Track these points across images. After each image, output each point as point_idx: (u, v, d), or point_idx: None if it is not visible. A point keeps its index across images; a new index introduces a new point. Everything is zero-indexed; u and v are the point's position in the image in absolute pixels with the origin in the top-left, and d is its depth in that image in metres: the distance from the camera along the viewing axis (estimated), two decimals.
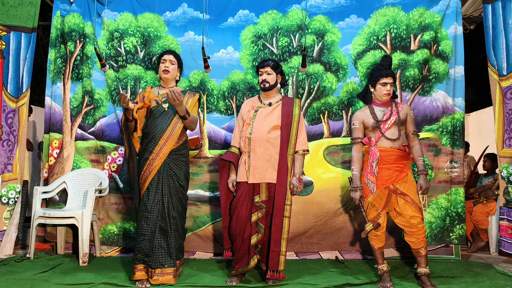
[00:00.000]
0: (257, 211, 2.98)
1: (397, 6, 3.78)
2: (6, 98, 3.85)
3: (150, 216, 2.91)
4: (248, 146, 3.03)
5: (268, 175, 2.99)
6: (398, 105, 3.02)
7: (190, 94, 3.19)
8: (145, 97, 3.05)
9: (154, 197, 2.93)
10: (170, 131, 2.99)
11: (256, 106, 3.12)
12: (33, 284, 2.87)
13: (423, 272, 2.88)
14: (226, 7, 3.92)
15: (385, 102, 3.01)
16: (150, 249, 2.89)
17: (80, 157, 3.92)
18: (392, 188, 2.91)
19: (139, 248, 2.91)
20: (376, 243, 2.98)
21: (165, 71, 3.10)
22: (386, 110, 2.99)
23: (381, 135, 2.95)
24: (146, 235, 2.90)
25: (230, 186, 3.11)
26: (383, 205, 2.93)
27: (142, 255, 2.90)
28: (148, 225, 2.91)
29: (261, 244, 3.01)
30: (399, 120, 2.94)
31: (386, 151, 2.93)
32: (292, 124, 3.03)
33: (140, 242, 2.90)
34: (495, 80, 3.66)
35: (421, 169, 2.95)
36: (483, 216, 4.17)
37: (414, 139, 3.00)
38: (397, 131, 2.94)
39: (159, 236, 2.91)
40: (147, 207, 2.92)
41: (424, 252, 2.89)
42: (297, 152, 3.04)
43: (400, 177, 2.89)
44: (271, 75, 3.07)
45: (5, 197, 3.80)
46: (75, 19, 3.95)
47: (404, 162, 2.93)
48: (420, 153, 2.98)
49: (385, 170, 2.91)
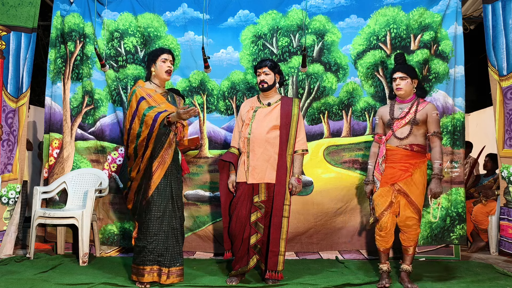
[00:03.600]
0: (256, 211, 2.98)
1: (397, 6, 3.78)
2: (6, 98, 3.85)
3: (162, 216, 2.86)
4: (247, 146, 3.02)
5: (267, 175, 2.99)
6: (421, 103, 2.94)
7: (178, 99, 3.22)
8: (151, 95, 2.94)
9: (163, 197, 2.89)
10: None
11: (255, 106, 3.12)
12: (33, 284, 2.87)
13: (405, 269, 2.90)
14: (226, 7, 3.92)
15: (405, 98, 2.97)
16: (165, 249, 2.86)
17: (80, 157, 3.92)
18: (397, 187, 2.89)
19: (151, 249, 2.83)
20: (380, 244, 2.96)
21: (168, 72, 3.03)
22: (405, 108, 2.95)
23: (392, 133, 2.94)
24: (159, 235, 2.85)
25: (230, 186, 3.10)
26: (388, 204, 2.90)
27: (154, 255, 2.84)
28: (160, 225, 2.86)
29: (260, 244, 3.01)
30: (414, 119, 2.88)
31: (392, 150, 2.92)
32: (291, 124, 3.02)
33: (152, 242, 2.83)
34: (495, 80, 3.66)
35: (435, 172, 2.86)
36: (483, 216, 4.17)
37: (434, 140, 2.89)
38: (408, 130, 2.89)
39: (171, 235, 2.89)
40: (157, 207, 2.87)
41: (411, 251, 2.90)
42: (296, 152, 3.04)
43: (404, 176, 2.87)
44: (269, 75, 3.06)
45: (5, 197, 3.80)
46: (75, 19, 3.95)
47: (411, 161, 2.87)
48: (438, 156, 2.86)
49: (389, 168, 2.91)
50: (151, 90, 2.99)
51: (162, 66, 3.02)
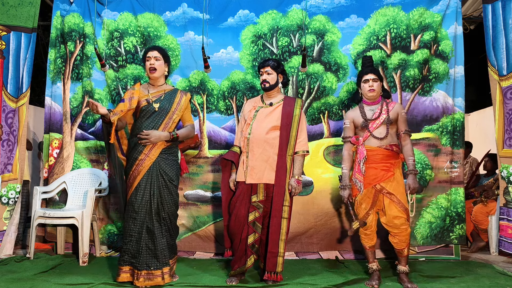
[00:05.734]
0: (254, 210, 2.98)
1: (397, 6, 3.78)
2: (6, 98, 3.85)
3: (137, 217, 2.82)
4: (247, 146, 3.02)
5: (266, 176, 2.97)
6: (389, 104, 3.01)
7: (182, 94, 3.05)
8: (133, 97, 2.92)
9: (142, 197, 2.84)
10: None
11: (257, 106, 3.11)
12: (33, 284, 2.87)
13: (402, 270, 2.92)
14: (226, 7, 3.92)
15: (374, 100, 3.02)
16: (137, 251, 2.81)
17: (80, 157, 3.92)
18: (379, 187, 2.91)
19: (125, 249, 2.83)
20: (366, 242, 3.01)
21: (151, 69, 2.93)
22: (376, 109, 3.00)
23: (369, 134, 2.96)
24: (133, 235, 2.82)
25: (231, 185, 3.10)
26: (371, 204, 2.95)
27: (128, 256, 2.83)
28: (135, 226, 2.83)
29: (258, 244, 3.00)
30: (388, 119, 2.94)
31: (373, 150, 2.94)
32: (292, 125, 3.00)
33: (127, 243, 2.83)
34: (495, 80, 3.66)
35: (410, 168, 2.93)
36: (483, 216, 4.17)
37: (406, 138, 2.99)
38: (385, 130, 2.94)
39: (146, 237, 2.82)
40: (134, 207, 2.83)
41: (406, 253, 2.92)
42: (296, 153, 3.01)
43: (387, 176, 2.89)
44: (272, 75, 3.05)
45: (5, 197, 3.80)
46: (75, 19, 3.95)
47: (391, 161, 2.92)
48: (410, 153, 2.95)
49: (371, 169, 2.92)
50: (137, 92, 2.95)
51: (146, 65, 2.98)
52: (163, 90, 3.02)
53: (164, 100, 2.97)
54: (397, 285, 2.93)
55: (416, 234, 3.67)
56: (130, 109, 2.91)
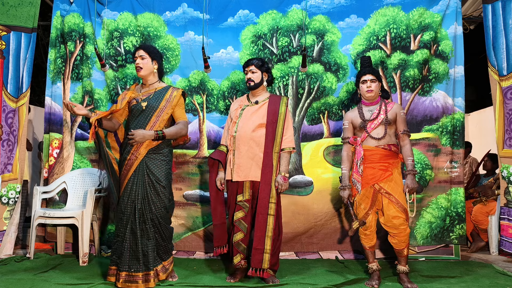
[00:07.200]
0: (240, 209, 2.98)
1: (397, 6, 3.78)
2: (6, 98, 3.85)
3: (123, 217, 2.82)
4: (233, 144, 3.03)
5: (252, 173, 2.97)
6: (388, 104, 3.02)
7: (173, 90, 2.99)
8: (125, 98, 2.92)
9: (128, 197, 2.82)
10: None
11: (243, 104, 3.13)
12: (33, 284, 2.87)
13: (402, 270, 2.93)
14: (226, 7, 3.92)
15: (373, 101, 3.02)
16: (121, 252, 2.80)
17: (80, 157, 3.93)
18: (377, 187, 2.92)
19: (113, 250, 2.84)
20: (366, 242, 3.01)
21: (137, 68, 2.91)
22: (375, 110, 3.00)
23: (367, 135, 2.96)
24: (120, 236, 2.82)
25: (218, 184, 3.09)
26: (370, 204, 2.95)
27: (115, 256, 2.83)
28: (121, 226, 2.82)
29: (245, 243, 2.98)
30: (387, 119, 2.94)
31: (371, 150, 2.94)
32: (278, 122, 3.01)
33: (115, 243, 2.83)
34: (495, 80, 3.66)
35: (409, 169, 2.93)
36: (483, 216, 4.17)
37: (404, 138, 2.99)
38: (384, 131, 2.94)
39: (129, 238, 2.79)
40: (121, 207, 2.83)
41: (406, 253, 2.92)
42: (283, 150, 3.01)
43: (385, 176, 2.90)
44: (256, 74, 3.06)
45: (5, 197, 3.80)
46: (75, 19, 3.95)
47: (389, 161, 2.93)
48: (409, 153, 2.95)
49: (369, 169, 2.93)
50: (130, 93, 2.95)
51: (134, 65, 2.98)
52: (154, 88, 2.99)
53: (152, 98, 2.92)
54: (397, 285, 2.94)
55: (416, 234, 3.67)
56: (118, 109, 2.91)
